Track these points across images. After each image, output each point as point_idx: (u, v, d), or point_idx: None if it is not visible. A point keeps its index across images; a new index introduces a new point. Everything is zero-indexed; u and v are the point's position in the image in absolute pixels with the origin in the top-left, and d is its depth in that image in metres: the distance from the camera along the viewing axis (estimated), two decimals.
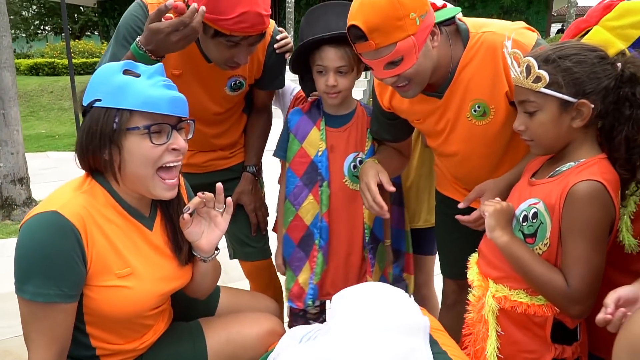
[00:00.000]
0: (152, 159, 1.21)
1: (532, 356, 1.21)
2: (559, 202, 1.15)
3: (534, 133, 1.20)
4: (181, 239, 1.39)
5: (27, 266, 1.13)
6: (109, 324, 1.29)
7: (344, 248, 1.79)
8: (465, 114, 1.50)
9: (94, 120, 1.18)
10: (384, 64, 1.35)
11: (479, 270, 1.34)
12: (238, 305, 1.69)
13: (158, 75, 1.24)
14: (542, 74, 1.12)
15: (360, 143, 1.77)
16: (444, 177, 1.84)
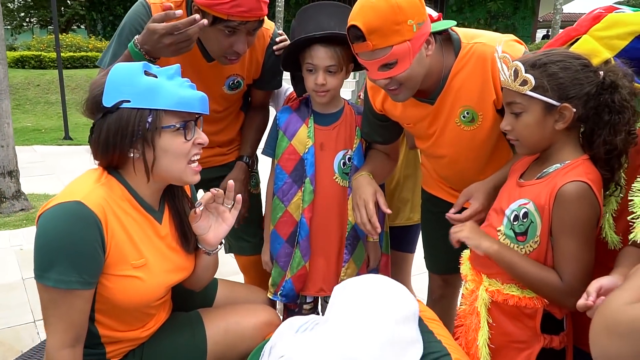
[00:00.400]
0: (184, 153, 1.29)
1: (522, 346, 1.27)
2: (548, 203, 1.20)
3: (520, 133, 1.27)
4: (188, 231, 1.44)
5: (51, 254, 1.17)
6: (118, 312, 1.33)
7: (335, 243, 1.83)
8: (455, 120, 1.57)
9: (124, 120, 1.22)
10: (378, 65, 1.40)
11: (471, 266, 1.40)
12: (235, 297, 1.74)
13: (178, 76, 1.31)
14: (528, 78, 1.18)
15: (349, 141, 1.81)
16: (430, 176, 1.90)
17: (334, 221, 1.82)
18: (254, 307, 1.65)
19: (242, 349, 1.52)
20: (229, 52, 1.65)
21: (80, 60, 12.38)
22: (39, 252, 1.19)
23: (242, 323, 1.57)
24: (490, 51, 1.45)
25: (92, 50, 13.18)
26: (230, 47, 1.63)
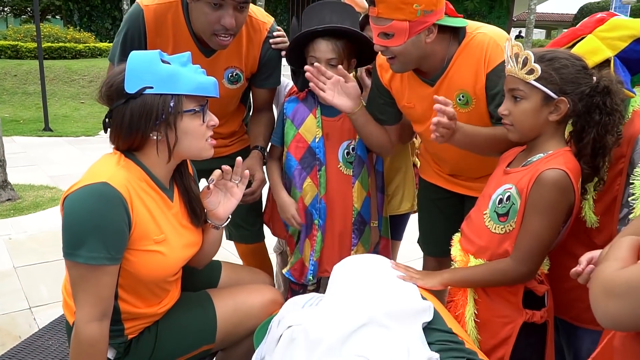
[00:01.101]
0: (202, 134, 1.43)
1: (505, 320, 1.41)
2: (528, 186, 1.34)
3: (516, 118, 1.39)
4: (197, 207, 1.55)
5: (81, 233, 1.26)
6: (139, 287, 1.43)
7: (338, 228, 1.96)
8: (452, 102, 1.70)
9: (148, 105, 1.33)
10: (378, 32, 1.58)
11: (460, 247, 1.54)
12: (238, 279, 1.85)
13: (190, 63, 1.41)
14: (536, 67, 1.30)
15: (353, 131, 1.93)
16: (428, 165, 2.05)
17: (339, 207, 1.95)
18: (259, 287, 1.77)
19: (250, 325, 1.63)
20: (217, 29, 1.70)
21: (58, 51, 12.21)
22: (68, 232, 1.27)
23: (249, 301, 1.68)
24: (487, 40, 1.61)
25: (71, 41, 13.00)
26: (217, 22, 1.68)
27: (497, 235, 1.42)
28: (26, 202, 4.46)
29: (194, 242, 1.56)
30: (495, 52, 1.60)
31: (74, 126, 8.54)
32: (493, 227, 1.43)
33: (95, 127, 8.46)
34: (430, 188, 2.05)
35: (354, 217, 1.95)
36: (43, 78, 7.88)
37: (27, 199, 4.55)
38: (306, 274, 1.98)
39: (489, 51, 1.61)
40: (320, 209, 1.92)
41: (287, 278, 2.07)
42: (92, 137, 7.72)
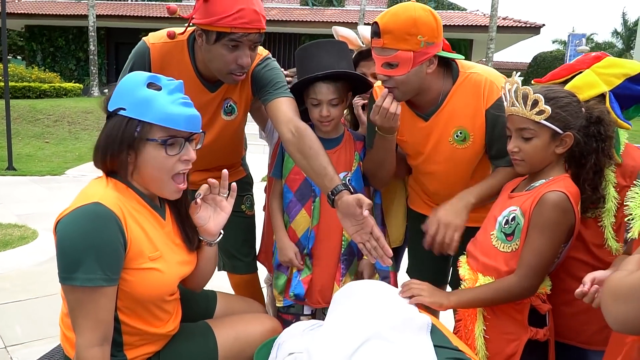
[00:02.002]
0: (167, 167, 1.38)
1: (511, 337, 1.46)
2: (531, 207, 1.43)
3: (527, 154, 1.47)
4: (190, 231, 1.54)
5: (77, 255, 1.23)
6: (138, 308, 1.40)
7: (333, 259, 1.97)
8: (448, 138, 1.79)
9: (116, 127, 1.34)
10: (382, 62, 1.63)
11: (469, 267, 1.59)
12: (233, 309, 1.83)
13: (178, 92, 1.40)
14: (546, 109, 1.40)
15: (349, 164, 1.98)
16: (417, 195, 2.09)
17: (333, 238, 1.96)
18: (258, 316, 1.76)
19: (251, 353, 1.59)
20: (234, 68, 1.74)
21: (22, 90, 12.05)
22: (63, 256, 1.25)
23: (249, 330, 1.67)
24: (483, 80, 1.72)
25: (35, 80, 12.85)
26: (234, 62, 1.73)
27: (504, 254, 1.48)
28: None
29: (189, 260, 1.54)
30: (492, 90, 1.71)
31: (39, 165, 8.34)
32: (501, 246, 1.50)
33: (60, 166, 8.28)
34: (419, 218, 2.07)
35: (343, 248, 1.97)
36: (9, 116, 7.72)
37: None
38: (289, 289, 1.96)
39: (486, 90, 1.71)
40: (310, 239, 1.94)
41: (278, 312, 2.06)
42: (59, 177, 7.55)
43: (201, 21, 1.67)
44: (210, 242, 1.59)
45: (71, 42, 19.13)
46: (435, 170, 1.88)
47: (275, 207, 2.04)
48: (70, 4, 19.12)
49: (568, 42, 18.96)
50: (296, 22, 17.51)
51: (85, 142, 10.34)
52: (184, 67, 1.86)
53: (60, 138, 10.60)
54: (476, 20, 18.14)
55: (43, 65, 18.11)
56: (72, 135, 10.77)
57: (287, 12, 18.57)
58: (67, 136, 10.74)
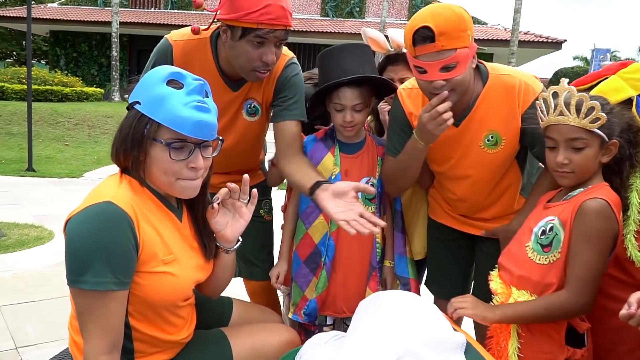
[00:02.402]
0: (171, 171, 1.30)
1: (547, 357, 1.37)
2: (571, 216, 1.36)
3: (578, 166, 1.39)
4: (207, 240, 1.46)
5: (86, 256, 1.17)
6: (150, 314, 1.33)
7: (355, 266, 1.91)
8: (479, 143, 1.72)
9: (129, 121, 1.29)
10: (440, 66, 1.53)
11: (501, 281, 1.51)
12: (249, 318, 1.75)
13: (196, 94, 1.30)
14: (602, 116, 1.34)
15: (372, 168, 1.92)
16: (437, 205, 2.01)
17: (356, 244, 1.90)
18: (277, 327, 1.69)
19: None
20: (258, 65, 1.70)
21: (44, 94, 12.21)
22: (72, 257, 1.19)
23: (267, 342, 1.59)
24: (517, 82, 1.64)
25: (58, 84, 13.03)
26: (259, 59, 1.68)
27: (541, 266, 1.41)
28: (11, 240, 4.29)
29: (204, 266, 1.47)
30: (527, 92, 1.64)
31: (58, 167, 8.40)
32: (537, 258, 1.42)
33: (79, 169, 8.33)
34: (440, 228, 2.01)
35: (378, 255, 1.92)
36: (30, 118, 7.79)
37: (12, 237, 4.38)
38: (302, 311, 1.90)
39: (521, 92, 1.64)
40: (329, 246, 1.88)
41: (295, 321, 1.99)
42: (77, 179, 7.58)
43: (227, 16, 1.63)
44: (227, 249, 1.51)
45: (94, 48, 19.42)
46: (463, 175, 1.81)
47: (290, 214, 1.99)
48: (94, 10, 19.44)
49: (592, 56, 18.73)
50: (316, 33, 17.58)
51: (105, 145, 10.41)
52: (207, 64, 1.81)
53: (79, 141, 10.69)
54: (497, 35, 18.03)
55: (66, 69, 18.40)
56: (91, 138, 10.85)
57: (308, 23, 18.65)
58: (87, 139, 10.83)
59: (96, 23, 18.03)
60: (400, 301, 1.37)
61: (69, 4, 20.27)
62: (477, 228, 1.91)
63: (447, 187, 1.91)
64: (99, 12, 19.01)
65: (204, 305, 1.63)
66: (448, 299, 2.04)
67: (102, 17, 18.11)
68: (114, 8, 15.36)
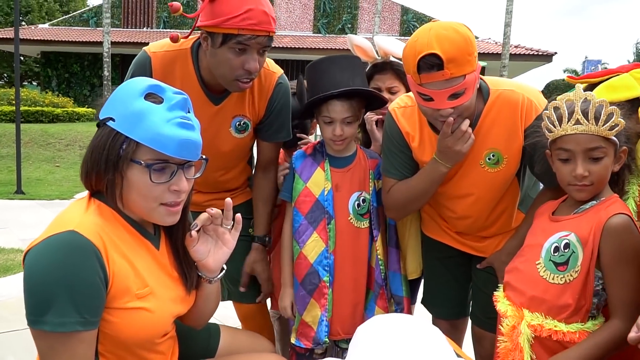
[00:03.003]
0: (152, 195, 1.17)
1: None
2: (594, 235, 1.26)
3: (597, 177, 1.30)
4: (187, 270, 1.33)
5: (46, 293, 1.04)
6: (124, 352, 1.20)
7: (350, 285, 1.81)
8: (479, 161, 1.62)
9: (102, 141, 1.15)
10: (449, 94, 1.43)
11: (510, 302, 1.40)
12: (238, 346, 1.62)
13: (179, 110, 1.18)
14: (621, 122, 1.25)
15: (364, 183, 1.84)
16: (433, 222, 1.91)
17: (350, 262, 1.81)
18: (268, 357, 1.57)
19: None
20: (240, 74, 1.62)
21: (35, 115, 12.13)
22: (31, 294, 1.05)
23: None
24: (521, 99, 1.55)
25: (48, 105, 12.95)
26: (241, 67, 1.60)
27: (556, 286, 1.31)
28: None
29: (184, 297, 1.33)
30: (530, 109, 1.55)
31: (48, 189, 8.27)
32: (550, 277, 1.32)
33: (70, 190, 8.20)
34: (436, 246, 1.91)
35: (382, 272, 1.84)
36: (19, 140, 7.69)
37: None
38: (314, 337, 1.79)
39: (524, 110, 1.55)
40: (330, 264, 1.78)
41: (292, 345, 1.89)
42: (67, 201, 7.45)
43: (207, 23, 1.55)
44: (210, 279, 1.37)
45: (86, 69, 19.38)
46: (463, 195, 1.71)
47: (286, 236, 1.89)
48: (85, 31, 19.44)
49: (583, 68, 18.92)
50: (309, 50, 17.62)
51: None
52: (188, 76, 1.73)
53: (71, 162, 10.58)
54: (488, 48, 18.14)
55: (58, 90, 18.33)
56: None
57: (300, 40, 18.72)
58: (78, 160, 10.62)
59: (87, 43, 18.01)
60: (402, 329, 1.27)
61: (60, 25, 20.27)
62: (474, 248, 1.83)
63: (446, 206, 1.82)
64: (90, 33, 19.01)
65: (188, 335, 1.50)
66: (447, 318, 1.96)
67: (94, 37, 18.11)
68: (105, 28, 15.34)
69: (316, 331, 1.79)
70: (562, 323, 1.30)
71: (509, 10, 15.21)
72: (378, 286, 1.84)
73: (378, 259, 1.83)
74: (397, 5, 20.22)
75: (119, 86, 1.20)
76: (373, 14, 18.24)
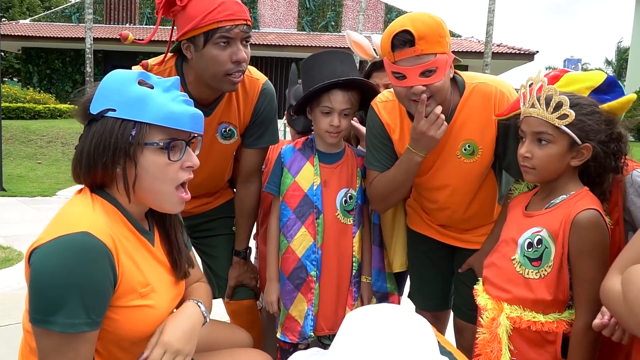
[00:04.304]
0: (169, 176, 1.19)
1: None
2: (563, 229, 1.30)
3: (540, 162, 1.34)
4: (178, 258, 1.34)
5: (58, 295, 1.02)
6: (116, 349, 1.20)
7: (335, 281, 1.84)
8: (455, 152, 1.68)
9: (107, 132, 1.14)
10: (420, 71, 1.51)
11: (489, 296, 1.44)
12: (217, 338, 1.61)
13: (175, 90, 1.22)
14: (570, 113, 1.27)
15: (351, 180, 1.87)
16: (416, 215, 1.96)
17: (335, 258, 1.84)
18: (249, 352, 1.57)
19: None
20: (230, 68, 1.64)
21: (16, 111, 11.95)
22: (40, 294, 1.03)
23: None
24: (494, 91, 1.62)
25: (30, 101, 12.77)
26: (230, 61, 1.63)
27: (532, 281, 1.35)
28: None
29: (179, 291, 1.35)
30: (502, 100, 1.62)
31: (29, 186, 8.18)
32: (526, 272, 1.36)
33: (52, 187, 8.13)
34: (420, 239, 1.96)
35: (354, 270, 1.85)
36: (0, 137, 7.59)
37: None
38: (300, 331, 1.81)
39: (497, 100, 1.62)
40: (317, 259, 1.81)
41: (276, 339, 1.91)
42: (50, 198, 7.38)
43: (185, 30, 1.59)
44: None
45: (68, 65, 19.12)
46: (441, 186, 1.77)
47: (273, 230, 1.90)
48: (67, 26, 19.17)
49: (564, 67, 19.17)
50: (293, 47, 17.59)
51: None
52: None
53: (53, 159, 10.46)
54: (471, 47, 18.29)
55: (39, 87, 18.06)
56: (65, 156, 10.62)
57: (284, 37, 18.67)
58: (60, 157, 10.60)
59: (69, 39, 17.76)
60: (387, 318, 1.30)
61: (42, 21, 19.97)
62: (456, 239, 1.88)
63: (426, 197, 1.87)
64: (72, 29, 18.75)
65: None
66: (430, 310, 2.00)
67: (76, 33, 17.86)
68: (88, 24, 15.15)
69: (302, 325, 1.81)
70: (540, 314, 1.33)
71: (491, 9, 15.35)
72: (349, 284, 1.86)
73: (353, 255, 1.85)
74: (381, 3, 20.27)
75: (104, 80, 1.19)
76: (357, 12, 18.28)
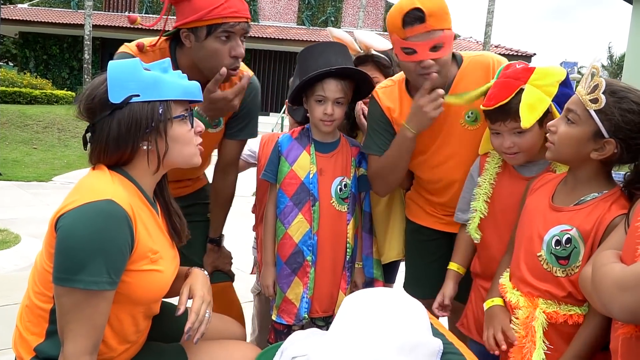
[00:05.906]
0: (192, 141, 1.39)
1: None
2: (596, 232, 1.29)
3: (560, 139, 1.33)
4: (178, 223, 1.47)
5: (84, 255, 1.14)
6: (125, 315, 1.29)
7: (329, 265, 1.91)
8: (459, 120, 1.77)
9: (136, 114, 1.26)
10: (430, 46, 1.62)
11: (521, 293, 1.43)
12: (209, 329, 1.59)
13: (171, 70, 1.37)
14: (601, 98, 1.23)
15: (346, 168, 1.94)
16: (417, 207, 2.03)
17: (330, 244, 1.91)
18: (239, 344, 1.64)
19: None
20: (229, 62, 1.71)
21: (12, 96, 11.93)
22: (67, 255, 1.15)
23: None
24: (491, 61, 1.76)
25: (27, 86, 12.74)
26: (228, 55, 1.70)
27: (560, 279, 1.36)
28: None
29: (177, 259, 1.47)
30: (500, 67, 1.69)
31: (25, 171, 8.20)
32: (553, 270, 1.36)
33: (47, 172, 8.15)
34: (420, 230, 2.03)
35: (348, 255, 1.93)
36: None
37: None
38: (296, 313, 1.90)
39: (494, 69, 1.71)
40: (313, 244, 1.89)
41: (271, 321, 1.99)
42: (45, 183, 7.41)
43: (188, 19, 1.65)
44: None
45: (65, 51, 19.06)
46: (446, 158, 1.84)
47: (270, 215, 1.97)
48: (66, 12, 19.08)
49: None
50: (292, 41, 17.62)
51: (75, 149, 10.21)
52: None
53: (49, 145, 10.47)
54: (469, 47, 18.37)
55: (36, 72, 17.98)
56: (61, 142, 10.64)
57: (284, 31, 18.68)
58: (56, 143, 10.61)
59: (68, 25, 17.70)
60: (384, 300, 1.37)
61: (40, 5, 19.85)
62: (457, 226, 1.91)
63: (429, 178, 1.92)
64: (71, 15, 18.68)
65: (155, 317, 1.52)
66: (427, 298, 2.06)
67: (75, 19, 17.80)
68: (87, 10, 15.12)
69: (298, 308, 1.89)
70: (575, 307, 1.34)
71: (490, 10, 15.44)
72: (343, 269, 1.94)
73: (347, 241, 1.93)
74: (382, 0, 20.33)
75: (110, 72, 1.27)
76: (357, 8, 18.33)
